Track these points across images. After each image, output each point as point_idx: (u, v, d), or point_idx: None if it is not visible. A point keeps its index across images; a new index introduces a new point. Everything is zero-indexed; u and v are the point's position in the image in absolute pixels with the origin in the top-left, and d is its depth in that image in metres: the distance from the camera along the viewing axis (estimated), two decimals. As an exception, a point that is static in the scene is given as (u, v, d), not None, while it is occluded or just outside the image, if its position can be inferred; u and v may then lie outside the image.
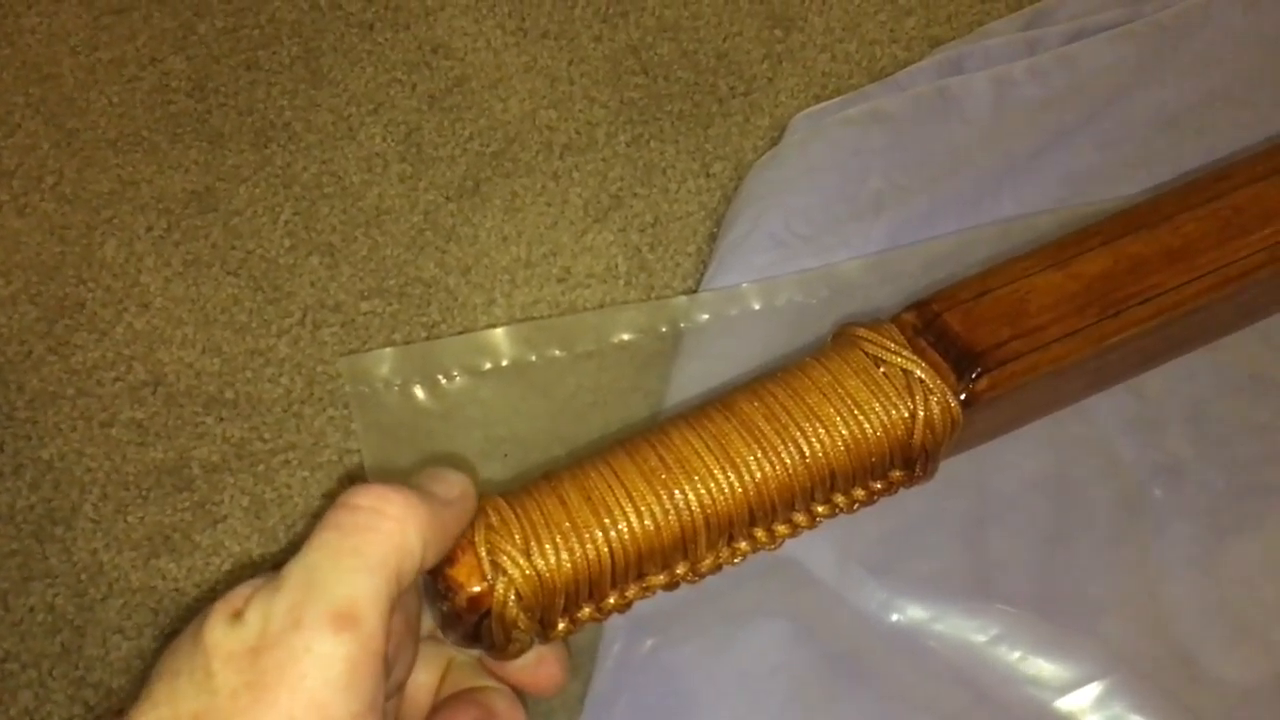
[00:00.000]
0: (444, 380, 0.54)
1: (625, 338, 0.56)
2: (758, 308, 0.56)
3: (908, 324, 0.36)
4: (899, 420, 0.35)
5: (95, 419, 0.54)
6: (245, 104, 0.62)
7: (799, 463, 0.34)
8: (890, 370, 0.35)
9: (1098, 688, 0.47)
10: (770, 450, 0.34)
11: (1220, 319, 0.39)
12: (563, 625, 0.33)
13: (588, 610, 0.34)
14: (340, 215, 0.59)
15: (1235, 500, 0.51)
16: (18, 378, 0.55)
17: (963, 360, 0.35)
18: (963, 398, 0.35)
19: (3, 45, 0.63)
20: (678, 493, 0.33)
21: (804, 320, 0.55)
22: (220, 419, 0.54)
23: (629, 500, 0.33)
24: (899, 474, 0.36)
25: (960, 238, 0.57)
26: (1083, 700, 0.47)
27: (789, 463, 0.34)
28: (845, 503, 0.35)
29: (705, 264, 0.58)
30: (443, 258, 0.58)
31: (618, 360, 0.55)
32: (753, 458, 0.34)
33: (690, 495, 0.33)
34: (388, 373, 0.54)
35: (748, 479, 0.33)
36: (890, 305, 0.54)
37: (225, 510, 0.53)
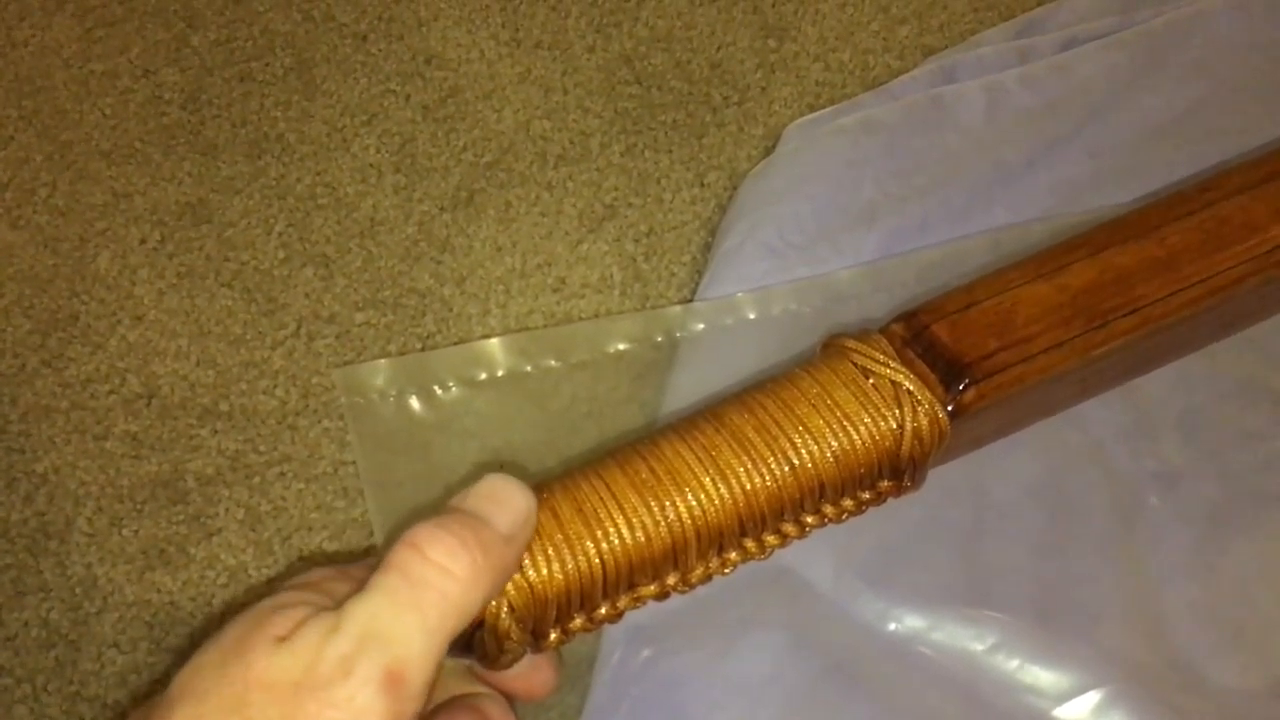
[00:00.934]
0: (439, 391, 0.54)
1: (620, 347, 0.56)
2: (753, 317, 0.56)
3: (896, 335, 0.36)
4: (887, 432, 0.35)
5: (89, 432, 0.54)
6: (239, 115, 0.62)
7: (788, 474, 0.34)
8: (879, 381, 0.35)
9: (1095, 696, 0.47)
10: (760, 461, 0.34)
11: (1206, 328, 0.39)
12: (554, 635, 0.34)
13: (579, 621, 0.34)
14: (334, 226, 0.59)
15: (1230, 507, 0.52)
16: (11, 391, 0.55)
17: (950, 371, 0.35)
18: (950, 409, 0.35)
19: (-3, 59, 0.64)
20: (668, 504, 0.33)
21: (799, 329, 0.55)
22: (215, 431, 0.54)
23: (620, 512, 0.33)
24: (887, 484, 0.36)
25: (954, 246, 0.57)
26: (1080, 708, 0.47)
27: (778, 474, 0.34)
28: (834, 513, 0.36)
29: (700, 273, 0.58)
30: (437, 268, 0.58)
31: (613, 370, 0.55)
32: (742, 469, 0.34)
33: (681, 507, 0.33)
34: (383, 384, 0.54)
35: (737, 490, 0.34)
36: (884, 314, 0.55)
37: (220, 523, 0.52)
